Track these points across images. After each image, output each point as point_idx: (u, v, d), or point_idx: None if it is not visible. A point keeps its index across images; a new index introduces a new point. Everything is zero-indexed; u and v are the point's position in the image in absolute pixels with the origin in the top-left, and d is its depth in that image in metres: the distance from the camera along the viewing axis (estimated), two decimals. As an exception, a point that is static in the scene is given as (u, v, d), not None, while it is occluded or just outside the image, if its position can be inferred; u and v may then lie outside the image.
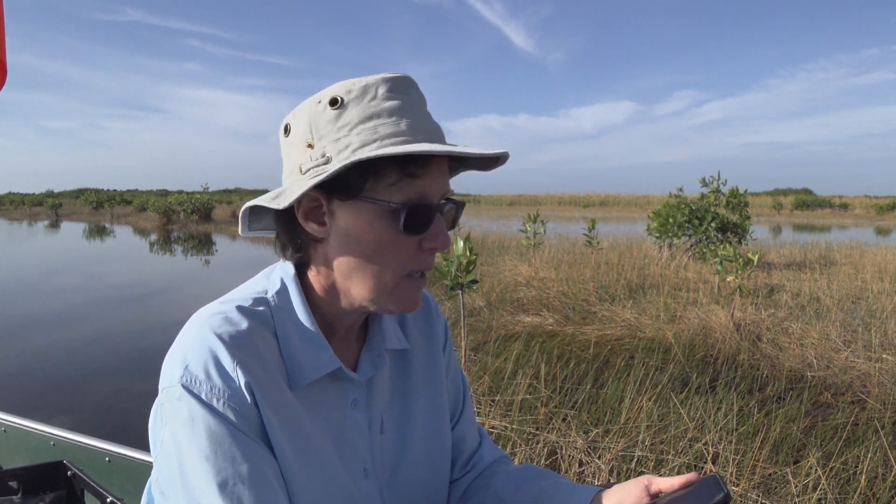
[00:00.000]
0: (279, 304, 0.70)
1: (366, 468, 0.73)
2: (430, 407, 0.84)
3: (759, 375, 4.08)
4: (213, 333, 0.63)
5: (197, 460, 0.59)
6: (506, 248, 11.45)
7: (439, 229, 0.67)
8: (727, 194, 10.15)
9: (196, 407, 0.59)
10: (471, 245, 3.87)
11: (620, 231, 16.84)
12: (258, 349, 0.65)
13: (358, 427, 0.74)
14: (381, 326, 0.79)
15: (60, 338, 6.08)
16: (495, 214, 32.97)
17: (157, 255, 15.05)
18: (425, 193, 0.65)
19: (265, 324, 0.67)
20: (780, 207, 41.47)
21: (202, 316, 0.66)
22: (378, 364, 0.77)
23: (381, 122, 0.63)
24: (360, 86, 0.65)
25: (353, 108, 0.64)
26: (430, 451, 0.82)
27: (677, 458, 2.66)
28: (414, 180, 0.64)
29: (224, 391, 0.60)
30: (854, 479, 2.57)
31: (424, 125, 0.65)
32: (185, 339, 0.64)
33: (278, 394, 0.65)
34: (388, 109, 0.64)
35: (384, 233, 0.65)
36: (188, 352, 0.62)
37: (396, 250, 0.65)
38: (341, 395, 0.73)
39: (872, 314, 5.68)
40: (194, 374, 0.60)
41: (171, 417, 0.61)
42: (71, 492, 1.47)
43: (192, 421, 0.60)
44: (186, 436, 0.60)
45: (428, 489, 0.81)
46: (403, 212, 0.63)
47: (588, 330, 5.23)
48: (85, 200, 41.89)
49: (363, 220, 0.65)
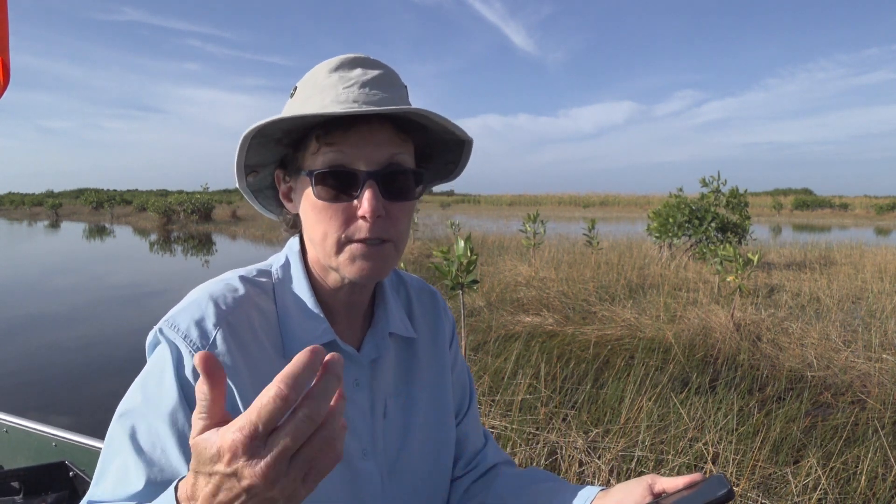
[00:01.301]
0: (281, 277, 0.75)
1: (365, 449, 0.74)
2: (433, 399, 0.84)
3: (759, 375, 4.08)
4: (208, 295, 0.68)
5: (132, 404, 0.64)
6: (506, 248, 11.45)
7: (367, 197, 0.65)
8: (727, 194, 10.15)
9: (161, 348, 0.65)
10: (471, 245, 3.88)
11: (620, 231, 16.84)
12: (250, 317, 0.69)
13: (359, 407, 0.74)
14: (386, 310, 0.80)
15: (61, 338, 6.08)
16: (495, 214, 32.97)
17: (157, 256, 15.05)
18: (343, 160, 0.65)
19: (265, 294, 0.72)
20: (780, 207, 41.48)
21: (209, 281, 0.72)
22: (382, 346, 0.77)
23: (312, 101, 0.66)
24: (311, 72, 0.70)
25: (300, 92, 0.69)
26: (431, 443, 0.82)
27: (677, 458, 2.66)
28: (330, 147, 0.65)
29: (193, 344, 0.64)
30: (854, 479, 2.57)
31: (353, 96, 0.65)
32: (186, 298, 0.69)
33: (264, 361, 0.68)
34: (320, 87, 0.67)
35: (312, 202, 0.68)
36: (181, 306, 0.67)
37: (327, 218, 0.67)
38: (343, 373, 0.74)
39: (872, 314, 5.69)
40: (175, 322, 0.65)
41: (147, 359, 0.68)
42: (72, 492, 1.48)
43: (149, 353, 0.67)
44: (143, 375, 0.66)
45: (428, 480, 0.81)
46: (311, 177, 0.66)
47: (588, 330, 5.23)
48: (85, 200, 41.90)
49: (303, 192, 0.69)
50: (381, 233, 0.67)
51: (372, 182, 0.66)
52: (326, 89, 0.66)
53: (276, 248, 14.73)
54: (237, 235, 20.05)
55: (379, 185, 0.66)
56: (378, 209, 0.66)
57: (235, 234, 20.31)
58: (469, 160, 0.77)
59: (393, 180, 0.68)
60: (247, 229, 20.93)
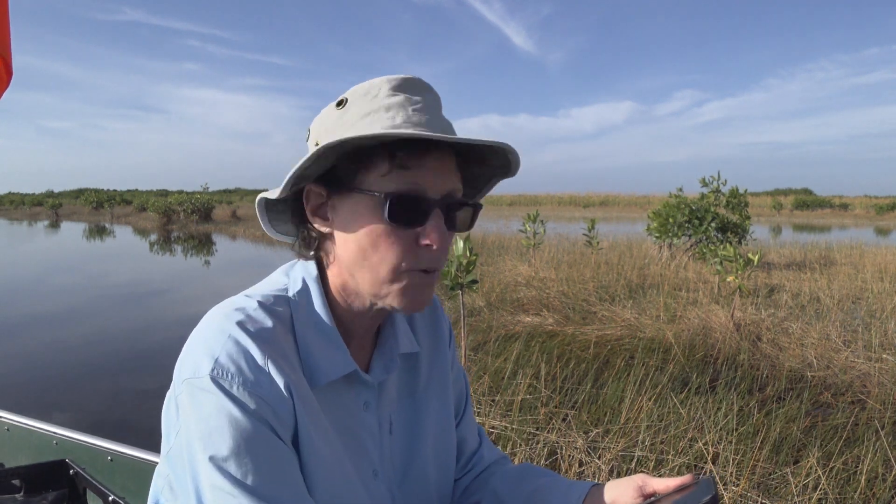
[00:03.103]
0: (299, 304, 0.69)
1: (375, 470, 0.73)
2: (437, 408, 0.84)
3: (759, 375, 4.08)
4: (239, 328, 0.62)
5: (219, 454, 0.57)
6: (506, 248, 11.45)
7: (435, 226, 0.64)
8: (727, 194, 10.15)
9: (224, 400, 0.57)
10: (471, 245, 3.88)
11: (620, 231, 16.84)
12: (282, 347, 0.64)
13: (369, 429, 0.74)
14: (394, 329, 0.79)
15: (61, 337, 6.08)
16: (495, 214, 32.96)
17: (157, 255, 15.05)
18: (418, 185, 0.63)
19: (284, 322, 0.67)
20: (780, 207, 41.46)
21: (224, 310, 0.65)
22: (390, 368, 0.76)
23: (378, 116, 0.63)
24: (366, 86, 0.66)
25: (355, 106, 0.65)
26: (438, 452, 0.82)
27: (677, 458, 2.66)
28: (405, 171, 0.62)
29: (256, 385, 0.59)
30: (854, 479, 2.57)
31: (423, 120, 0.64)
32: (208, 332, 0.62)
33: (306, 391, 0.65)
34: (386, 105, 0.64)
35: (375, 224, 0.64)
36: (214, 345, 0.60)
37: (389, 243, 0.64)
38: (354, 398, 0.73)
39: (872, 314, 5.69)
40: (225, 367, 0.58)
41: (191, 410, 0.59)
42: (73, 490, 1.48)
43: (218, 413, 0.57)
44: (209, 430, 0.57)
45: (436, 489, 0.81)
46: (388, 201, 0.62)
47: (588, 330, 5.23)
48: (85, 200, 41.86)
49: (357, 212, 0.65)
50: (440, 263, 0.67)
51: (439, 212, 0.65)
52: (394, 108, 0.64)
53: (275, 248, 14.58)
54: (237, 235, 20.06)
55: (444, 214, 0.66)
56: (446, 240, 0.65)
57: (235, 234, 20.32)
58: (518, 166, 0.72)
59: (455, 210, 0.68)
60: (247, 229, 20.93)
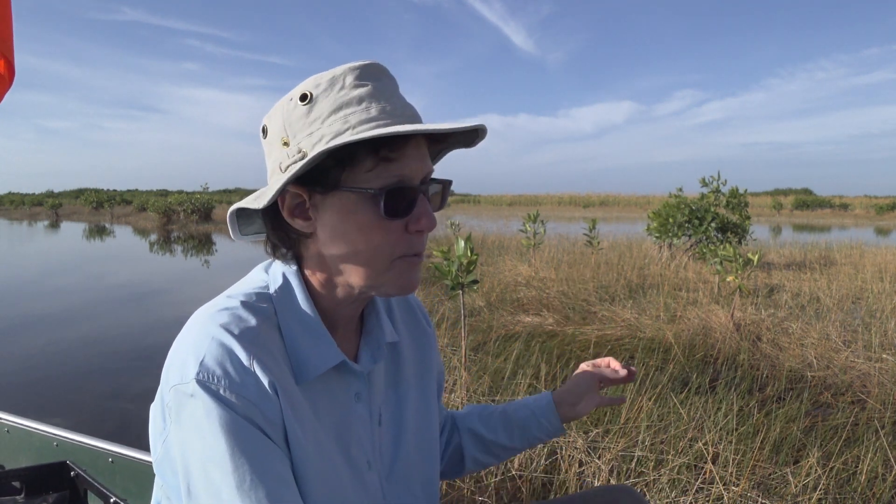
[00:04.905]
0: (282, 300, 0.70)
1: (369, 461, 0.74)
2: (420, 397, 0.85)
3: (759, 375, 4.08)
4: (223, 329, 0.62)
5: (211, 458, 0.57)
6: (506, 248, 11.44)
7: (423, 210, 0.67)
8: (727, 194, 10.14)
9: (212, 403, 0.57)
10: (471, 245, 3.88)
11: (620, 231, 16.83)
12: (268, 345, 0.64)
13: (362, 420, 0.75)
14: (379, 319, 0.80)
15: (61, 337, 6.08)
16: (495, 214, 32.95)
17: (157, 255, 15.05)
18: (403, 176, 0.65)
19: (269, 319, 0.67)
20: (780, 207, 41.45)
21: (207, 312, 0.65)
22: (378, 357, 0.77)
23: (351, 110, 0.64)
24: (328, 78, 0.66)
25: (323, 100, 0.65)
26: (422, 441, 0.83)
27: (677, 458, 2.66)
28: (390, 164, 0.64)
29: (242, 387, 0.59)
30: (854, 479, 2.57)
31: (395, 108, 0.65)
32: (192, 336, 0.63)
33: (291, 388, 0.65)
34: (356, 97, 0.64)
35: (367, 220, 0.65)
36: (199, 348, 0.60)
37: (383, 236, 0.66)
38: (345, 389, 0.73)
39: (872, 314, 5.69)
40: (210, 370, 0.58)
41: (181, 416, 0.59)
42: (74, 492, 1.48)
43: (207, 418, 0.57)
44: (201, 434, 0.57)
45: (422, 477, 0.82)
46: (382, 196, 0.63)
47: (588, 330, 5.23)
48: (85, 200, 41.84)
49: (346, 210, 0.65)
50: (426, 244, 0.70)
51: (423, 196, 0.67)
52: (366, 99, 0.64)
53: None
54: (237, 235, 20.03)
55: (427, 198, 0.68)
56: (434, 222, 0.67)
57: (235, 234, 20.29)
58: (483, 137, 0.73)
59: (440, 193, 0.71)
60: (247, 229, 20.91)
